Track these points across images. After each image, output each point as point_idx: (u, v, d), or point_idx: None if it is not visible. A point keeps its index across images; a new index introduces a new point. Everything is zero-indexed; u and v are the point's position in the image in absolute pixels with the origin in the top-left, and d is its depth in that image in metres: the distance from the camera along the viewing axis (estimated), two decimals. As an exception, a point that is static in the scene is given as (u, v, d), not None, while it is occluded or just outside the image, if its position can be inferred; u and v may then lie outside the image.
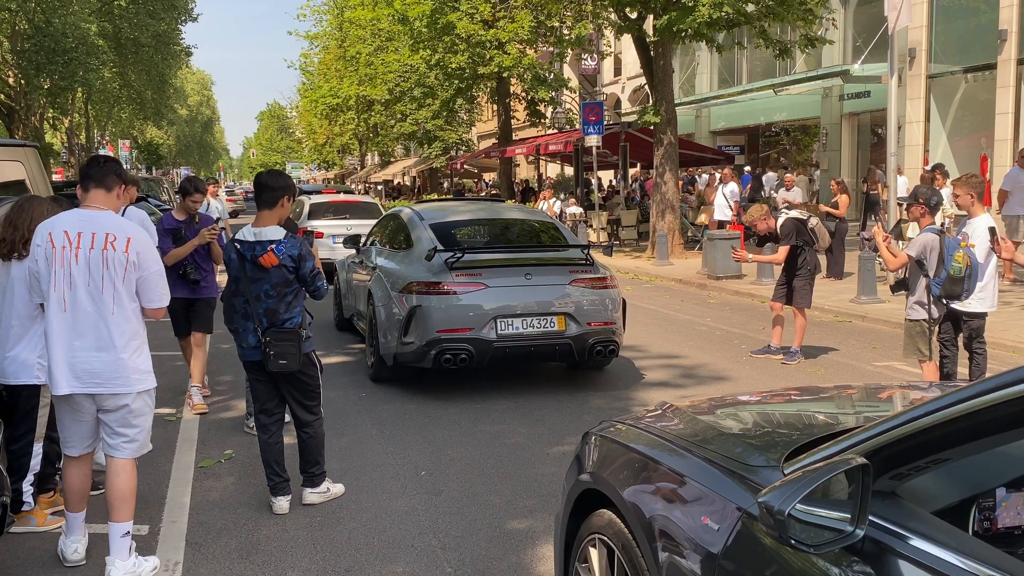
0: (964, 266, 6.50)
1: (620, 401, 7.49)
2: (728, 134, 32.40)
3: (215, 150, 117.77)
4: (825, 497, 1.88)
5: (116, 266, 4.13)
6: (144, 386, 4.27)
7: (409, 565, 4.40)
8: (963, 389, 1.82)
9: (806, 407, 3.19)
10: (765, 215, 9.21)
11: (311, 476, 5.24)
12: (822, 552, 1.83)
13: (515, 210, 10.55)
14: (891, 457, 1.93)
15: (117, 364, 4.14)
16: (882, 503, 1.91)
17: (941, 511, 2.02)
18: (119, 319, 4.15)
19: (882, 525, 1.86)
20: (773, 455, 2.32)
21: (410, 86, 32.93)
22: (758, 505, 1.92)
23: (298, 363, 4.95)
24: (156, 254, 4.33)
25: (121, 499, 4.28)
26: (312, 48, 53.59)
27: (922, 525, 1.82)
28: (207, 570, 4.40)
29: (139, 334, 4.26)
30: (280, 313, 4.95)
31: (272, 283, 4.91)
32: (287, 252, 4.89)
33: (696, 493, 2.42)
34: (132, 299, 4.21)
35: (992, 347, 9.19)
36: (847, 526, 1.83)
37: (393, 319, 7.67)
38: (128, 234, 4.18)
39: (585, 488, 3.04)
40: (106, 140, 58.24)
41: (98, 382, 4.13)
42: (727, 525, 2.23)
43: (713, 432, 2.78)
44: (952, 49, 21.77)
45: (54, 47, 33.10)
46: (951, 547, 1.72)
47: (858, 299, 12.20)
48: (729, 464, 2.38)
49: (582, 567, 3.07)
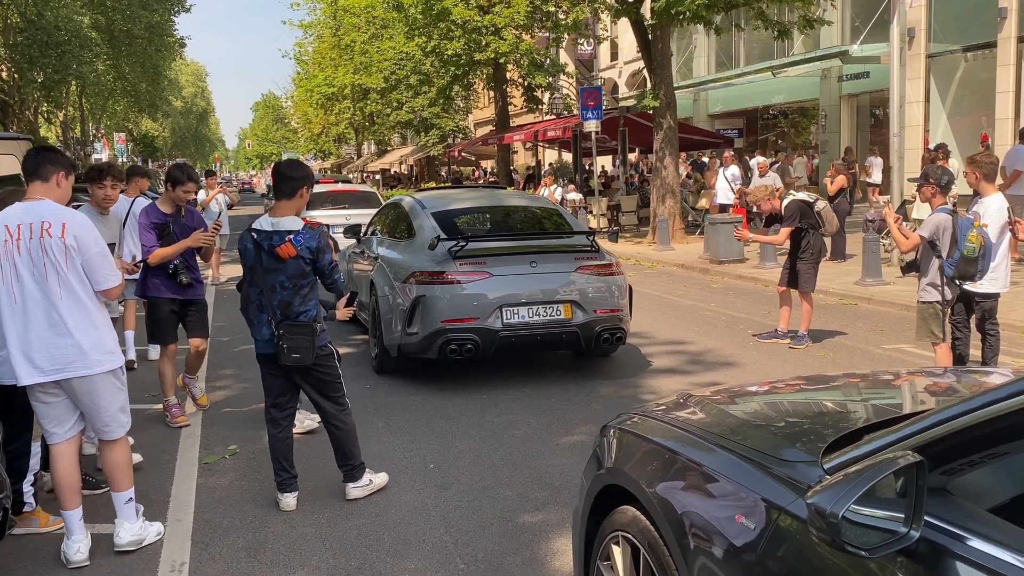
0: (978, 246, 6.38)
1: (628, 389, 7.39)
2: (726, 117, 32.23)
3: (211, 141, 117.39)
4: (876, 496, 1.77)
5: (55, 252, 4.18)
6: (107, 366, 4.33)
7: (421, 562, 4.30)
8: (1016, 382, 1.71)
9: (832, 396, 3.08)
10: (769, 195, 9.09)
11: (350, 470, 5.11)
12: (876, 555, 1.72)
13: (517, 197, 10.41)
14: (943, 452, 1.82)
15: (75, 348, 4.22)
16: (935, 501, 1.80)
17: (995, 508, 1.91)
18: (69, 304, 4.21)
19: (937, 525, 1.75)
20: (810, 449, 2.21)
21: (406, 74, 32.73)
22: (807, 506, 1.81)
23: (311, 357, 4.85)
24: (96, 236, 4.31)
25: (117, 470, 4.47)
26: (306, 37, 53.28)
27: (979, 524, 1.72)
28: (214, 570, 4.30)
29: (95, 316, 4.29)
30: (295, 305, 4.85)
31: (288, 275, 4.81)
32: (305, 243, 4.79)
33: (728, 489, 2.31)
34: (82, 283, 4.26)
35: (1004, 328, 9.09)
36: (901, 527, 1.73)
37: (397, 310, 7.55)
38: (63, 219, 4.23)
39: (606, 484, 2.93)
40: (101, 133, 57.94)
41: (58, 368, 4.21)
42: (763, 524, 2.12)
43: (740, 424, 2.67)
44: (952, 28, 21.59)
45: (47, 40, 32.87)
46: (1012, 547, 1.62)
47: (863, 281, 12.09)
48: (762, 459, 2.27)
49: (604, 565, 2.97)
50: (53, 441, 4.40)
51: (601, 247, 7.87)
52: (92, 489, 5.18)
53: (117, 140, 58.63)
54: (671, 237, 18.38)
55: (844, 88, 26.24)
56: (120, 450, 4.50)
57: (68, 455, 4.41)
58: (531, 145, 34.58)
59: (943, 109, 22.15)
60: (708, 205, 19.62)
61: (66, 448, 4.40)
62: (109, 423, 4.42)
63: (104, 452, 4.52)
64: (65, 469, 4.39)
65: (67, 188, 4.44)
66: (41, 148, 4.56)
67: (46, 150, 4.50)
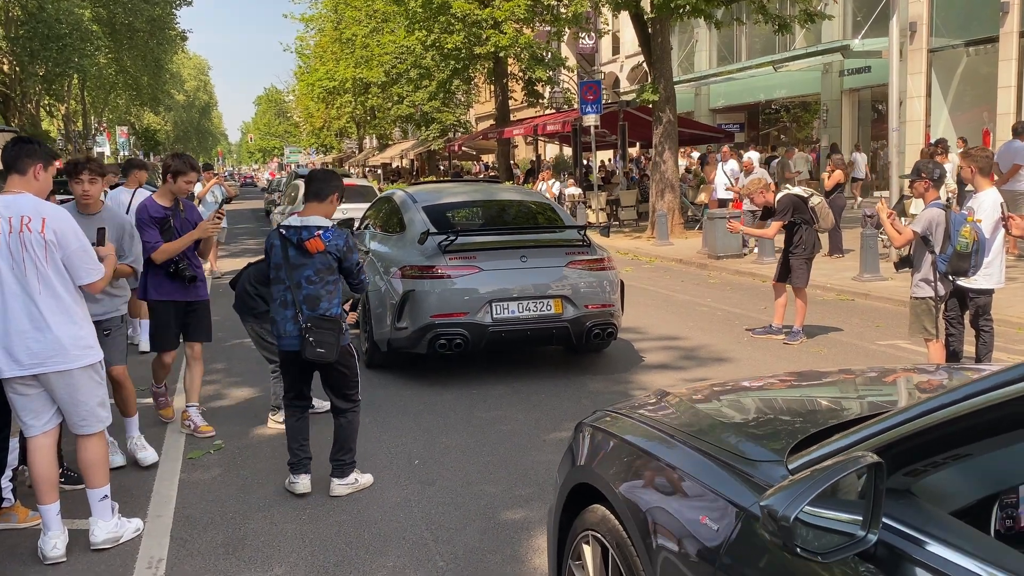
0: (971, 241, 6.32)
1: (619, 385, 7.33)
2: (728, 112, 32.14)
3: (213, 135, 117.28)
4: (834, 498, 1.71)
5: (35, 247, 4.15)
6: (86, 361, 4.31)
7: (400, 559, 4.26)
8: (982, 380, 1.65)
9: (810, 393, 3.03)
10: (763, 188, 9.02)
11: (341, 465, 5.09)
12: (831, 560, 1.67)
13: (510, 191, 10.35)
14: (905, 452, 1.76)
15: (54, 343, 4.19)
16: (896, 503, 1.75)
17: (959, 510, 1.85)
18: (47, 299, 4.19)
19: (896, 528, 1.70)
20: (776, 448, 2.16)
21: (406, 68, 32.63)
22: (760, 509, 1.75)
23: (335, 353, 4.86)
24: (76, 230, 4.28)
25: (93, 467, 4.44)
26: (308, 31, 53.17)
27: (940, 528, 1.66)
28: (191, 566, 4.26)
29: (73, 311, 4.27)
30: (321, 300, 4.87)
31: (315, 268, 4.86)
32: (334, 240, 4.86)
33: (693, 489, 2.25)
34: (61, 277, 4.23)
35: (998, 324, 9.02)
36: (859, 530, 1.67)
37: (386, 304, 7.50)
38: (43, 214, 4.19)
39: (577, 482, 2.88)
40: (103, 127, 57.88)
41: (37, 362, 4.19)
42: (727, 525, 2.07)
43: (711, 422, 2.62)
44: (953, 22, 21.48)
45: (48, 33, 32.81)
46: (972, 552, 1.56)
47: (860, 276, 12.02)
48: (727, 458, 2.22)
49: (575, 565, 2.92)
50: (31, 434, 4.36)
51: (593, 242, 7.81)
52: (74, 484, 5.13)
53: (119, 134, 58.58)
54: (670, 232, 18.30)
55: (845, 83, 26.14)
56: (96, 446, 4.46)
57: (45, 449, 4.37)
58: (532, 139, 34.46)
59: (944, 104, 22.06)
60: (707, 200, 19.52)
61: (43, 441, 4.36)
62: (87, 417, 4.38)
63: (80, 447, 4.47)
64: (42, 463, 4.35)
65: (45, 181, 4.38)
66: (19, 140, 4.47)
67: (24, 142, 4.42)
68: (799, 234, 8.67)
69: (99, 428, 4.45)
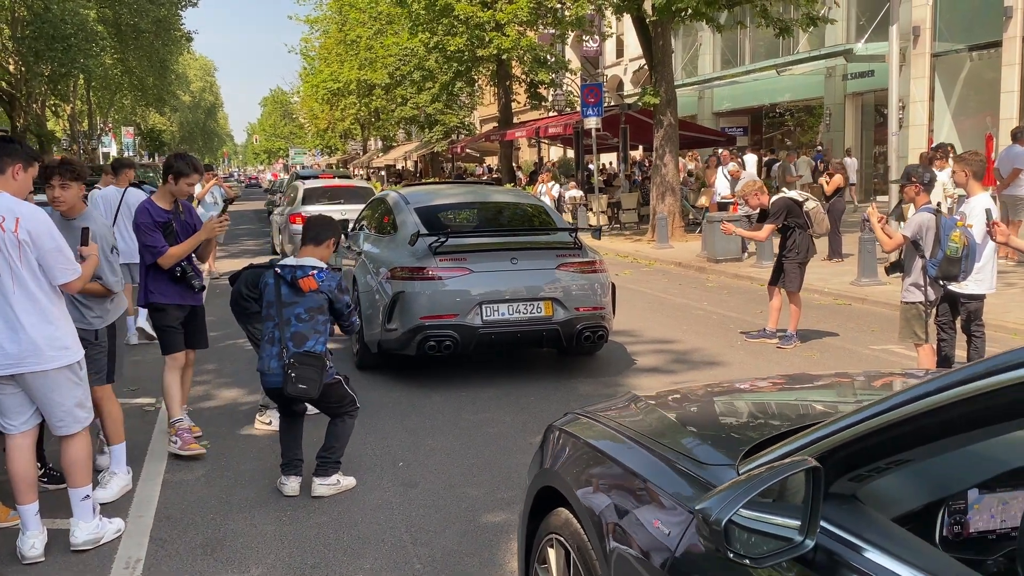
0: (961, 246, 6.29)
1: (609, 388, 7.31)
2: (731, 115, 32.07)
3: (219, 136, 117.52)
4: (778, 502, 1.70)
5: (8, 247, 4.12)
6: (62, 362, 4.28)
7: (377, 561, 4.24)
8: (926, 383, 1.63)
9: (781, 397, 3.00)
10: (757, 190, 8.99)
11: (324, 463, 5.09)
12: (764, 565, 1.65)
13: (503, 193, 10.33)
14: (850, 457, 1.75)
15: (28, 344, 4.17)
16: (839, 508, 1.73)
17: (907, 515, 1.84)
18: (21, 299, 4.16)
19: (836, 534, 1.68)
20: (729, 452, 2.14)
21: (410, 70, 32.66)
22: (695, 512, 1.73)
23: (317, 391, 4.91)
24: (51, 230, 4.23)
25: (74, 466, 4.41)
26: (312, 32, 53.28)
27: (879, 534, 1.64)
28: (168, 567, 4.25)
29: (48, 311, 4.23)
30: (308, 338, 4.95)
31: (306, 307, 4.97)
32: (327, 281, 5.01)
33: (648, 493, 2.24)
34: (35, 277, 4.20)
35: (993, 330, 8.99)
36: (797, 535, 1.65)
37: (377, 305, 7.50)
38: (17, 214, 4.15)
39: (543, 485, 2.87)
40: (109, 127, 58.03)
41: (12, 363, 4.17)
42: (679, 530, 2.05)
43: (672, 425, 2.60)
44: (957, 27, 21.41)
45: (53, 33, 32.90)
46: (908, 560, 1.54)
47: (858, 281, 11.98)
48: (682, 461, 2.20)
49: (541, 568, 2.90)
50: (9, 432, 4.36)
51: (584, 244, 7.79)
52: (57, 484, 5.13)
53: (125, 134, 58.77)
54: (670, 235, 18.27)
55: (849, 87, 26.07)
56: (77, 445, 4.44)
57: (24, 448, 4.36)
58: (534, 142, 34.47)
59: (948, 109, 21.97)
60: (708, 203, 19.48)
61: (21, 441, 4.35)
62: (64, 418, 4.37)
63: (62, 447, 4.46)
64: (21, 463, 4.33)
65: (24, 181, 4.36)
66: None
67: (4, 141, 4.42)
68: (792, 238, 8.65)
69: (77, 428, 4.43)
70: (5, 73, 35.34)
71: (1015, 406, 1.51)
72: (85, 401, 4.48)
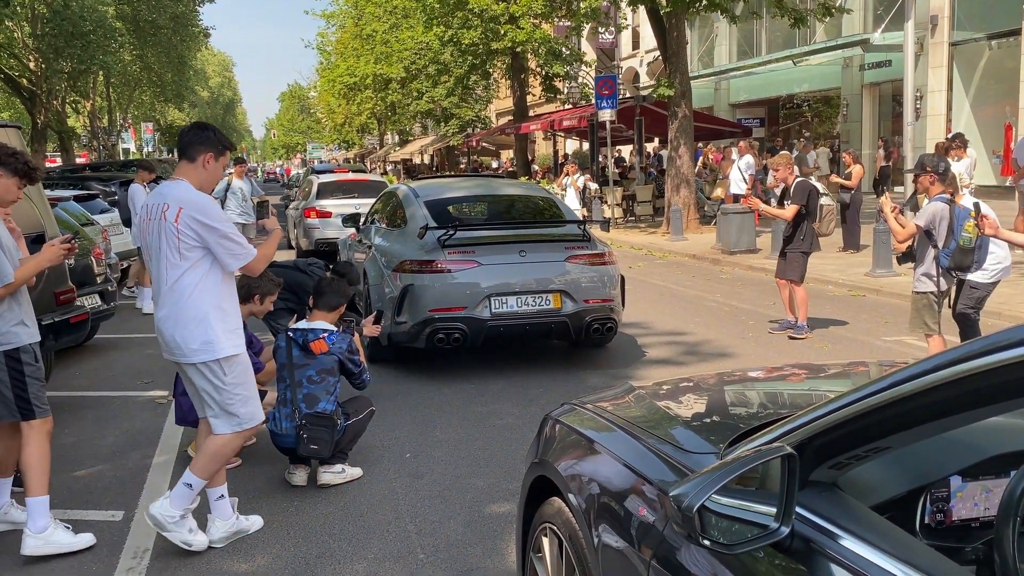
0: (974, 236, 6.24)
1: (618, 380, 7.30)
2: (748, 106, 31.87)
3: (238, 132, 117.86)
4: (755, 490, 1.70)
5: (167, 237, 4.02)
6: (202, 357, 4.09)
7: (381, 550, 4.28)
8: (903, 369, 1.63)
9: (775, 387, 3.00)
10: (789, 163, 8.83)
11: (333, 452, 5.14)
12: (738, 551, 1.66)
13: (513, 186, 10.34)
14: (829, 444, 1.75)
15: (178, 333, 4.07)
16: (818, 496, 1.73)
17: (888, 502, 1.84)
18: (175, 289, 4.05)
19: (813, 521, 1.68)
20: (715, 440, 2.15)
21: (425, 63, 32.70)
22: (669, 499, 1.74)
23: (329, 450, 5.01)
24: (218, 219, 4.05)
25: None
26: (328, 27, 53.39)
27: (856, 522, 1.64)
28: (176, 558, 4.29)
29: (196, 305, 4.06)
30: (320, 400, 5.04)
31: (317, 369, 5.07)
32: (338, 344, 5.14)
33: (635, 481, 2.25)
34: (192, 270, 4.05)
35: (1008, 321, 8.93)
36: (772, 522, 1.66)
37: (386, 298, 7.53)
38: (181, 204, 4.02)
39: (538, 474, 2.88)
40: (128, 123, 58.43)
41: (167, 351, 4.17)
42: (663, 517, 2.06)
43: (663, 415, 2.61)
44: (976, 15, 21.17)
45: (72, 30, 33.18)
46: (882, 549, 1.55)
47: (873, 272, 11.91)
48: (668, 449, 2.21)
49: (536, 557, 2.92)
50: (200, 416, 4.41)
51: (593, 236, 7.79)
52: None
53: (144, 130, 59.14)
54: (685, 227, 18.21)
55: (866, 77, 25.83)
56: (216, 442, 4.24)
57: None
58: (549, 135, 34.42)
59: (966, 98, 21.75)
60: (723, 195, 19.40)
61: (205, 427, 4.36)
62: (209, 409, 4.24)
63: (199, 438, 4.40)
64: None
65: (214, 170, 4.20)
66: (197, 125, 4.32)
67: (198, 127, 4.26)
68: (801, 227, 8.57)
69: (222, 428, 4.21)
70: (26, 70, 35.63)
71: (995, 390, 1.50)
72: (230, 404, 4.19)
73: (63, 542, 4.28)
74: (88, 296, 8.52)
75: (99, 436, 6.26)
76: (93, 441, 6.14)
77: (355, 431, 5.22)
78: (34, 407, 4.29)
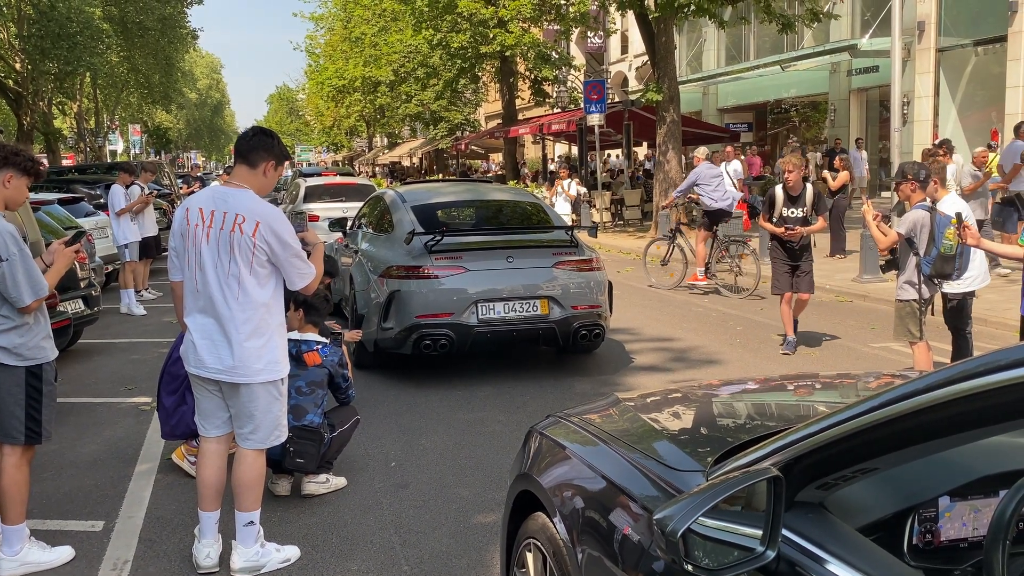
0: (955, 244, 6.24)
1: (606, 387, 7.28)
2: (736, 111, 31.93)
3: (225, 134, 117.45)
4: (740, 511, 1.67)
5: (241, 251, 3.88)
6: (269, 376, 4.02)
7: (365, 562, 4.23)
8: (892, 390, 1.60)
9: (761, 399, 2.97)
10: (800, 167, 8.58)
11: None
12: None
13: (501, 191, 10.30)
14: (817, 464, 1.72)
15: (241, 353, 3.92)
16: (804, 517, 1.70)
17: (876, 523, 1.81)
18: (244, 306, 3.91)
19: (799, 544, 1.65)
20: (701, 457, 2.12)
21: (414, 67, 32.65)
22: (653, 522, 1.71)
23: (315, 465, 4.97)
24: (292, 234, 3.96)
25: (243, 487, 4.09)
26: (317, 30, 53.27)
27: (842, 545, 1.61)
28: (156, 568, 4.24)
29: (266, 322, 3.98)
30: (307, 412, 4.97)
31: (307, 380, 5.01)
32: (330, 356, 5.12)
33: (620, 499, 2.21)
34: (261, 286, 3.95)
35: (995, 327, 8.96)
36: (758, 546, 1.63)
37: (373, 304, 7.48)
38: (258, 217, 3.90)
39: (522, 488, 2.84)
40: (115, 125, 58.13)
41: (223, 370, 3.99)
42: (647, 536, 2.03)
43: (648, 429, 2.58)
44: (962, 21, 21.27)
45: (59, 32, 32.99)
46: (868, 572, 1.52)
47: (860, 278, 11.92)
48: (654, 467, 2.18)
49: (520, 572, 2.88)
50: (203, 435, 4.22)
51: (581, 242, 7.77)
52: None
53: (132, 132, 58.85)
54: (673, 232, 18.17)
55: (853, 82, 25.92)
56: (253, 465, 4.10)
57: (215, 455, 4.14)
58: (538, 138, 34.40)
59: (953, 104, 21.84)
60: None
61: (216, 447, 4.17)
62: (255, 432, 4.09)
63: (235, 463, 4.13)
64: (210, 468, 4.14)
65: (273, 179, 4.10)
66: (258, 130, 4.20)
67: (261, 133, 4.14)
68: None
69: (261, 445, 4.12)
70: (12, 71, 35.41)
71: (984, 413, 1.48)
72: (281, 420, 4.16)
73: (39, 560, 4.19)
74: (72, 301, 8.44)
75: (80, 444, 6.18)
76: (74, 449, 6.06)
77: (340, 442, 5.18)
78: (43, 432, 4.12)
